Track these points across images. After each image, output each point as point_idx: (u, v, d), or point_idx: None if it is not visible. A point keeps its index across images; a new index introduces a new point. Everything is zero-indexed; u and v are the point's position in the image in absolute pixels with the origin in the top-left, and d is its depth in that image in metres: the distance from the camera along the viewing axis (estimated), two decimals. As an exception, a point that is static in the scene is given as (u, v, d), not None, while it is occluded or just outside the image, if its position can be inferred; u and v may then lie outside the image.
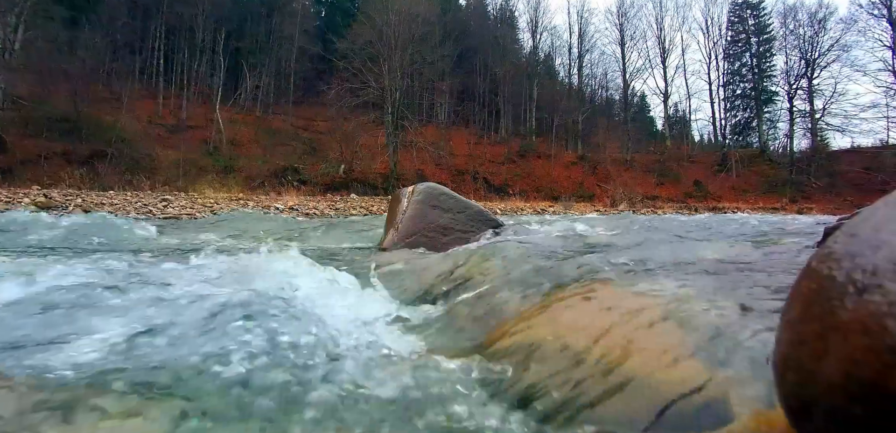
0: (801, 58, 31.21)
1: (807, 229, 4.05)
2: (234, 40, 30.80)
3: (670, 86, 36.21)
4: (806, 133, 31.61)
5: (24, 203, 9.19)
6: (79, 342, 1.18)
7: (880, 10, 28.41)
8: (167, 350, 1.13)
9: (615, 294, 1.29)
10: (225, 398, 0.92)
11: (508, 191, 26.14)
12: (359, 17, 28.66)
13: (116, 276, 1.89)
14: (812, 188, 27.83)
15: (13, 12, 20.83)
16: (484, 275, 1.85)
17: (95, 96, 22.44)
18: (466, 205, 3.64)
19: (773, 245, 2.58)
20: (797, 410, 0.49)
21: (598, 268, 1.61)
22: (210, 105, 27.33)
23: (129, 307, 1.44)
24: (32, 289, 1.64)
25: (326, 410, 0.91)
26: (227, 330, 1.21)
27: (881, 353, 0.40)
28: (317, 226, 7.22)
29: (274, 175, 22.94)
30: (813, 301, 0.48)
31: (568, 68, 39.79)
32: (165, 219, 8.30)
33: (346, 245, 4.37)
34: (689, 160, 33.31)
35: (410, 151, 26.97)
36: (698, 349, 0.92)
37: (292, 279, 1.82)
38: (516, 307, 1.45)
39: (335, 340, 1.24)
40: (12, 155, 18.23)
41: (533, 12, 37.81)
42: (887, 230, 0.47)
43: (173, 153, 22.26)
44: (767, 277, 1.44)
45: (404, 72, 27.07)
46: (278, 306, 1.41)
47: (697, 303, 1.11)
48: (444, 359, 1.19)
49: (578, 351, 1.05)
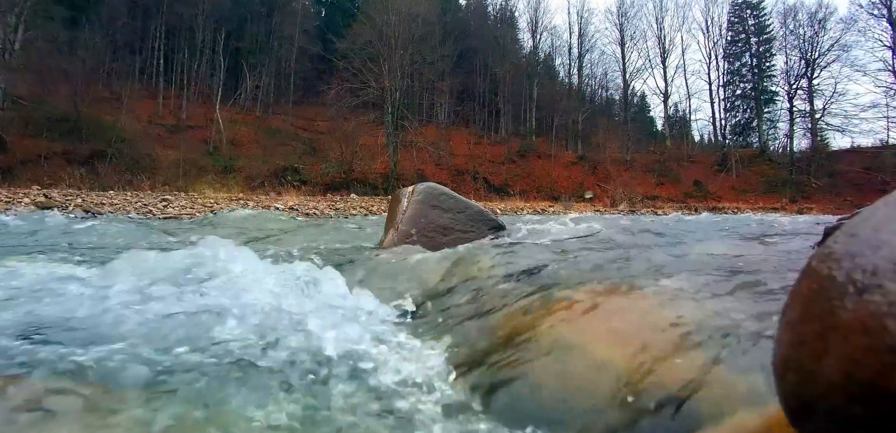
0: (801, 58, 31.23)
1: (805, 229, 4.05)
2: (234, 40, 30.81)
3: (670, 86, 36.24)
4: (806, 133, 31.63)
5: (24, 203, 9.19)
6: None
7: (880, 10, 28.43)
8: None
9: (615, 293, 1.29)
10: (202, 394, 0.91)
11: (508, 191, 26.15)
12: (359, 17, 28.67)
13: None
14: (812, 188, 27.83)
15: (13, 12, 20.82)
16: (483, 275, 1.85)
17: (95, 96, 22.44)
18: (466, 205, 3.64)
19: (773, 245, 2.58)
20: (797, 410, 0.49)
21: (597, 267, 1.61)
22: (210, 105, 27.33)
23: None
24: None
25: (316, 410, 0.90)
26: (205, 328, 1.20)
27: (881, 353, 0.40)
28: (317, 225, 7.23)
29: (274, 175, 22.94)
30: (813, 301, 0.48)
31: (568, 68, 39.82)
32: (165, 219, 8.30)
33: (346, 244, 4.37)
34: (689, 160, 33.30)
35: (410, 151, 26.98)
36: (698, 348, 0.91)
37: (291, 279, 1.82)
38: (515, 307, 1.45)
39: (331, 340, 1.24)
40: (12, 155, 18.23)
41: (533, 12, 37.83)
42: (887, 230, 0.47)
43: (173, 153, 22.26)
44: (767, 277, 1.44)
45: (404, 72, 27.07)
46: (276, 306, 1.40)
47: (697, 303, 1.11)
48: (441, 359, 1.19)
49: (578, 350, 1.04)
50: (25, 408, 0.80)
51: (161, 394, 0.90)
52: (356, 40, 26.57)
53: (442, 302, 1.78)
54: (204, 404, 0.88)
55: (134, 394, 0.90)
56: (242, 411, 0.88)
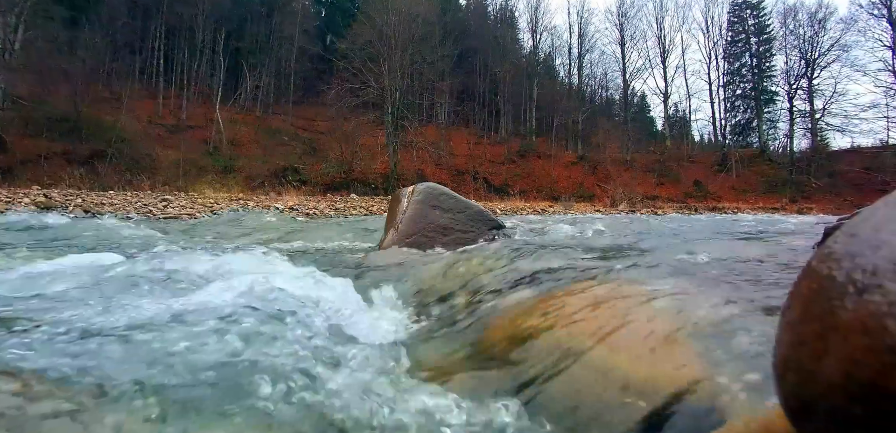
0: (801, 58, 31.26)
1: (804, 229, 4.05)
2: (234, 40, 30.82)
3: (670, 86, 36.28)
4: (806, 133, 31.66)
5: (24, 203, 9.19)
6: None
7: (880, 10, 28.46)
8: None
9: (615, 293, 1.29)
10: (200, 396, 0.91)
11: (508, 191, 26.16)
12: (359, 17, 28.68)
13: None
14: (812, 188, 27.84)
15: (13, 12, 20.83)
16: (483, 275, 1.85)
17: (95, 96, 22.46)
18: (466, 205, 3.64)
19: (773, 244, 2.58)
20: (797, 411, 0.49)
21: (597, 267, 1.61)
22: (210, 105, 27.34)
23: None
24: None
25: (310, 410, 0.90)
26: (200, 332, 1.20)
27: (881, 353, 0.40)
28: (317, 225, 7.23)
29: (274, 175, 22.95)
30: (813, 301, 0.48)
31: (568, 68, 39.86)
32: (165, 219, 8.31)
33: (345, 244, 4.37)
34: (689, 160, 33.32)
35: (410, 151, 26.98)
36: (697, 348, 0.92)
37: (290, 279, 1.82)
38: (515, 307, 1.45)
39: (328, 340, 1.24)
40: (12, 155, 18.24)
41: (533, 12, 37.87)
42: (887, 230, 0.47)
43: (173, 153, 22.27)
44: (767, 277, 1.44)
45: (404, 72, 27.09)
46: (274, 306, 1.40)
47: (696, 302, 1.11)
48: (439, 359, 1.19)
49: (578, 350, 1.05)
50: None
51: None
52: (356, 40, 26.59)
53: (442, 302, 1.78)
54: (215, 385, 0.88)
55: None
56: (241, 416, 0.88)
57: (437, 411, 0.93)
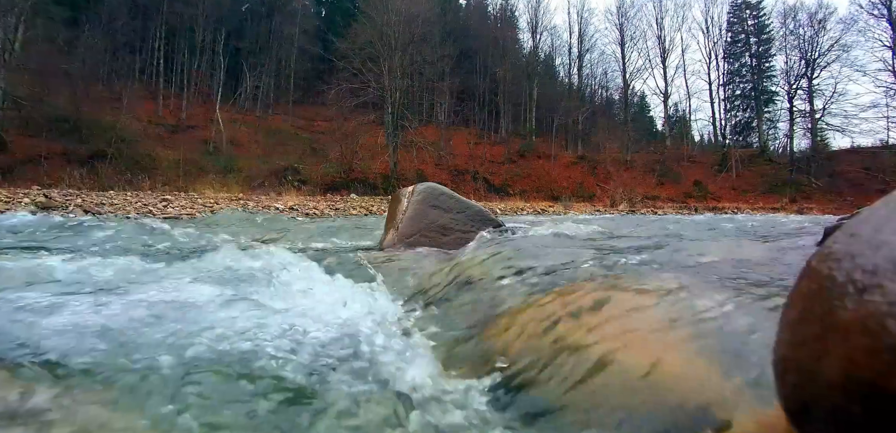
0: (800, 58, 31.25)
1: (808, 229, 4.05)
2: (234, 40, 30.82)
3: (670, 86, 36.27)
4: (806, 133, 31.65)
5: (24, 203, 9.18)
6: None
7: (880, 10, 28.46)
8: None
9: (614, 292, 1.29)
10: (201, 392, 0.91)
11: (508, 191, 26.16)
12: (359, 17, 28.66)
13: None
14: (812, 188, 27.84)
15: (13, 12, 20.83)
16: (482, 274, 1.85)
17: (95, 96, 22.47)
18: (466, 205, 3.63)
19: (773, 244, 2.58)
20: (797, 411, 0.49)
21: (597, 266, 1.61)
22: (210, 105, 27.35)
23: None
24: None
25: (306, 409, 0.90)
26: (208, 331, 1.21)
27: (881, 353, 0.39)
28: (317, 225, 7.23)
29: (274, 175, 22.95)
30: (813, 301, 0.48)
31: (568, 68, 39.85)
32: (165, 219, 8.30)
33: (345, 244, 4.37)
34: (689, 160, 33.32)
35: (410, 151, 26.98)
36: (697, 348, 0.91)
37: (289, 279, 1.82)
38: (514, 306, 1.45)
39: (327, 339, 1.24)
40: (12, 155, 18.25)
41: (533, 12, 37.82)
42: (887, 230, 0.47)
43: (173, 153, 22.27)
44: (767, 276, 1.44)
45: (404, 72, 27.09)
46: (273, 306, 1.41)
47: (696, 302, 1.11)
48: (439, 358, 1.19)
49: (578, 350, 1.04)
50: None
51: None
52: (356, 40, 26.58)
53: (442, 302, 1.78)
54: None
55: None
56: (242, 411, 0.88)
57: (434, 404, 0.94)
